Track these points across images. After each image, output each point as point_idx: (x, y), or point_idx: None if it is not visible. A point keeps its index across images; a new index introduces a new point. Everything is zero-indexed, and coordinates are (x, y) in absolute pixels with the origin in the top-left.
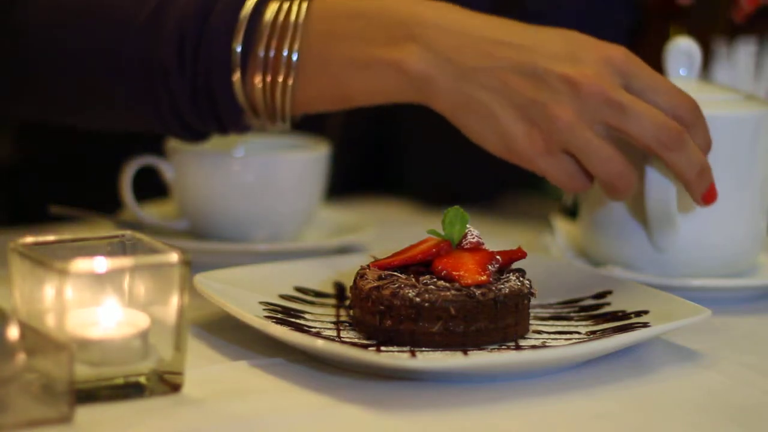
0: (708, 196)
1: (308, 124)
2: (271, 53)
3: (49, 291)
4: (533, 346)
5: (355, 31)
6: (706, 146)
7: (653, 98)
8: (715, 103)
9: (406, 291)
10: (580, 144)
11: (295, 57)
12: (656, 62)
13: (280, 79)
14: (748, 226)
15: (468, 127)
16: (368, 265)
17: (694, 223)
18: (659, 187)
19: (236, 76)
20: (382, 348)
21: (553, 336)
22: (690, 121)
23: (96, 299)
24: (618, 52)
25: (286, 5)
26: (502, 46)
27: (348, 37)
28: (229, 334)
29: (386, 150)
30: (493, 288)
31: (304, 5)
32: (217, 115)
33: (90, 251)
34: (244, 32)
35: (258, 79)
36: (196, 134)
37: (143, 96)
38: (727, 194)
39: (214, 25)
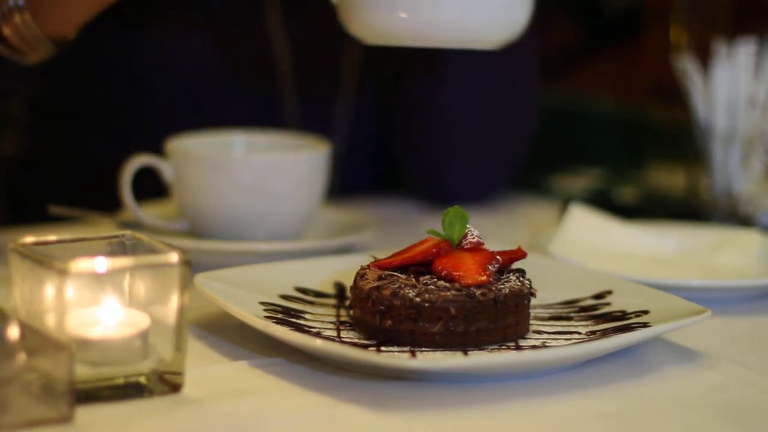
0: None
1: (315, 123)
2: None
3: (49, 291)
4: (533, 347)
5: None
6: None
7: None
8: None
9: (407, 291)
10: None
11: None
12: (656, 62)
13: (17, 19)
14: None
15: None
16: (368, 265)
17: None
18: None
19: None
20: (383, 348)
21: (553, 336)
22: None
23: (96, 299)
24: None
25: None
26: None
27: None
28: (230, 334)
29: (389, 149)
30: (494, 288)
31: None
32: None
33: (90, 251)
34: None
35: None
36: None
37: None
38: None
39: None
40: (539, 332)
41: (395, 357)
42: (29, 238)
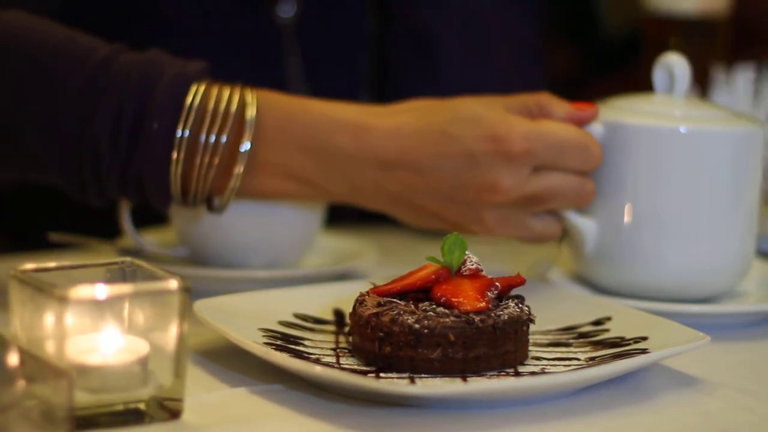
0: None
1: None
2: (223, 140)
3: (49, 318)
4: (532, 373)
5: (288, 145)
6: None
7: (564, 163)
8: (703, 120)
9: (406, 318)
10: (509, 236)
11: (248, 148)
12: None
13: (236, 170)
14: (731, 246)
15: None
16: (367, 292)
17: (682, 244)
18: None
19: (174, 157)
20: (382, 374)
21: (552, 362)
22: (595, 164)
23: (96, 326)
24: (517, 141)
25: (235, 96)
26: (414, 174)
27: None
28: (229, 360)
29: None
30: (492, 314)
31: (251, 99)
32: (143, 192)
33: (90, 278)
34: (193, 119)
35: (202, 164)
36: (105, 201)
37: (67, 161)
38: (716, 212)
39: (157, 107)
40: (538, 358)
41: (394, 383)
42: (29, 265)
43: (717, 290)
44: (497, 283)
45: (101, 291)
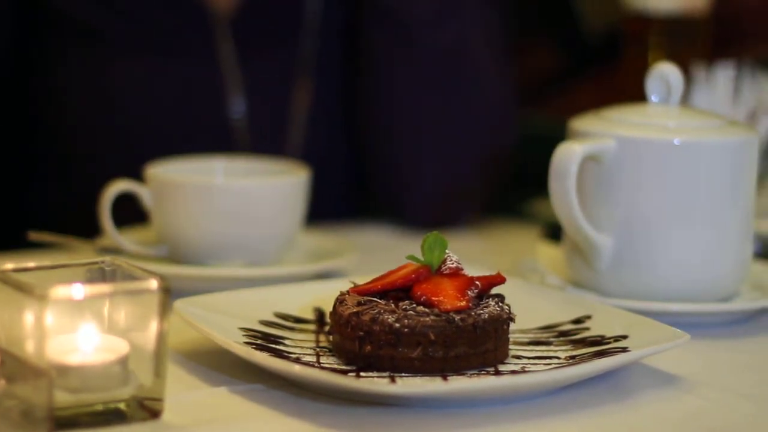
0: None
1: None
2: None
3: (28, 317)
4: (513, 372)
5: None
6: None
7: None
8: (698, 130)
9: (386, 317)
10: None
11: None
12: (635, 88)
13: None
14: (732, 253)
15: None
16: (348, 291)
17: (679, 250)
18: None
19: None
20: (362, 374)
21: (532, 361)
22: None
23: (75, 325)
24: None
25: None
26: None
27: None
28: (209, 360)
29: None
30: (473, 313)
31: None
32: None
33: (69, 277)
34: None
35: None
36: None
37: None
38: (712, 220)
39: None
40: (518, 357)
41: (375, 382)
42: (8, 265)
43: (721, 295)
44: (477, 282)
45: (81, 291)
